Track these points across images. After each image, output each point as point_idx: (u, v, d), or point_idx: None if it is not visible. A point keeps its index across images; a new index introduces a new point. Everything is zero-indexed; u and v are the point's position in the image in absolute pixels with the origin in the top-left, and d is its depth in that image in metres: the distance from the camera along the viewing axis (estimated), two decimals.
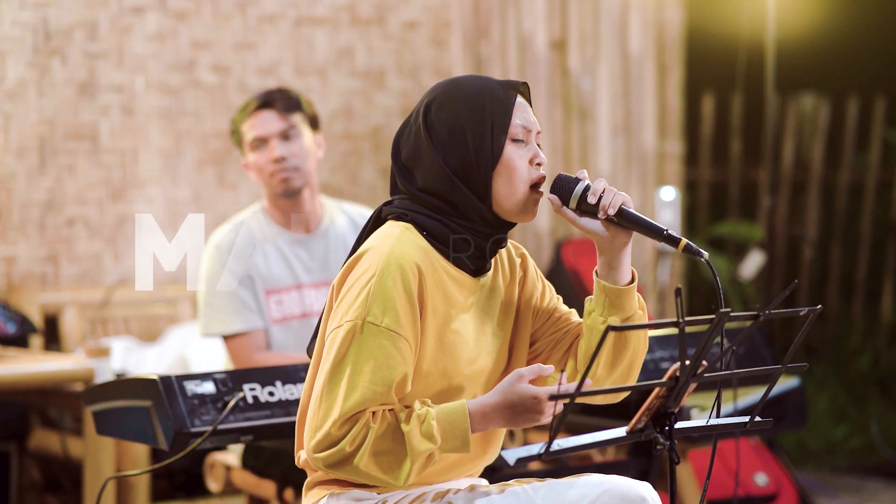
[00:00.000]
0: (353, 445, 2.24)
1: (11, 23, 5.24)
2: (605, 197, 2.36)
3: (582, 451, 2.23)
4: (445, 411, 2.27)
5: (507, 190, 2.35)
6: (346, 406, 2.24)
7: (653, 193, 6.31)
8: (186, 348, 5.02)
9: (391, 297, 2.27)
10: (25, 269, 5.29)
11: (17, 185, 5.26)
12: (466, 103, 2.35)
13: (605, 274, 2.40)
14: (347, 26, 5.92)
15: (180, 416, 2.95)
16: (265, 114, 3.71)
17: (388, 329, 2.26)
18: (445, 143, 2.35)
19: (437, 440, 2.25)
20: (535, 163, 2.38)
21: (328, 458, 2.25)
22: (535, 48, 6.22)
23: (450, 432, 2.26)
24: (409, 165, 2.38)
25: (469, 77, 2.42)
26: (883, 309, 7.70)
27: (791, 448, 6.24)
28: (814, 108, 7.83)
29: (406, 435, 2.24)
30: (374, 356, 2.26)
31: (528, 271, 2.50)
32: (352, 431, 2.24)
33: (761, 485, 5.00)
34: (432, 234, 2.35)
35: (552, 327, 2.49)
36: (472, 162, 2.33)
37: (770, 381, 2.38)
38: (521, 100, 2.42)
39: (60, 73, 5.33)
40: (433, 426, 2.25)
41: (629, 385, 2.27)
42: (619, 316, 2.40)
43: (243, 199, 5.69)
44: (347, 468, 2.25)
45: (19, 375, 4.16)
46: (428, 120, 2.36)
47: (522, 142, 2.38)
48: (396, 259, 2.29)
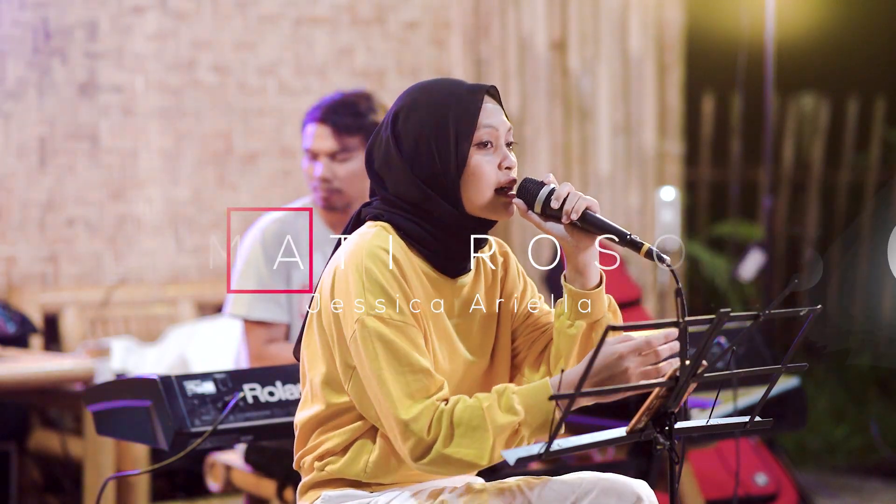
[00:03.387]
0: (433, 434, 2.24)
1: (11, 23, 5.24)
2: (569, 201, 2.36)
3: (582, 451, 2.23)
4: (527, 386, 2.27)
5: (476, 195, 2.35)
6: (402, 395, 2.24)
7: (653, 193, 6.32)
8: (186, 348, 5.02)
9: (383, 286, 2.28)
10: (25, 269, 5.29)
11: (17, 185, 5.26)
12: (430, 111, 2.35)
13: (572, 278, 2.40)
14: (347, 26, 5.92)
15: (180, 416, 2.95)
16: (321, 129, 3.62)
17: (391, 318, 2.27)
18: (412, 153, 2.35)
19: (520, 412, 2.23)
20: (505, 166, 2.37)
21: (413, 451, 2.25)
22: (535, 48, 6.22)
23: (533, 404, 2.24)
24: (381, 173, 2.40)
25: (436, 82, 2.42)
26: (883, 309, 7.70)
27: (791, 448, 6.24)
28: (814, 108, 7.84)
29: (485, 410, 2.23)
30: (396, 344, 2.26)
31: (510, 270, 2.51)
32: (421, 420, 2.24)
33: (761, 485, 5.00)
34: (409, 234, 2.36)
35: (530, 326, 2.49)
36: (438, 171, 2.34)
37: (770, 381, 2.39)
38: (490, 103, 2.38)
39: (60, 73, 5.33)
40: (513, 399, 2.24)
41: (629, 385, 2.27)
42: (586, 320, 2.39)
43: (243, 199, 5.70)
44: (434, 458, 2.24)
45: (19, 375, 4.16)
46: (395, 130, 2.37)
47: (490, 146, 2.36)
48: (373, 251, 2.31)
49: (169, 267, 5.58)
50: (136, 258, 5.50)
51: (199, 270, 5.64)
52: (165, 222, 5.55)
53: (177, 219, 5.58)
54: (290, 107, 5.79)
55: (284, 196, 5.70)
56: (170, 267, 5.58)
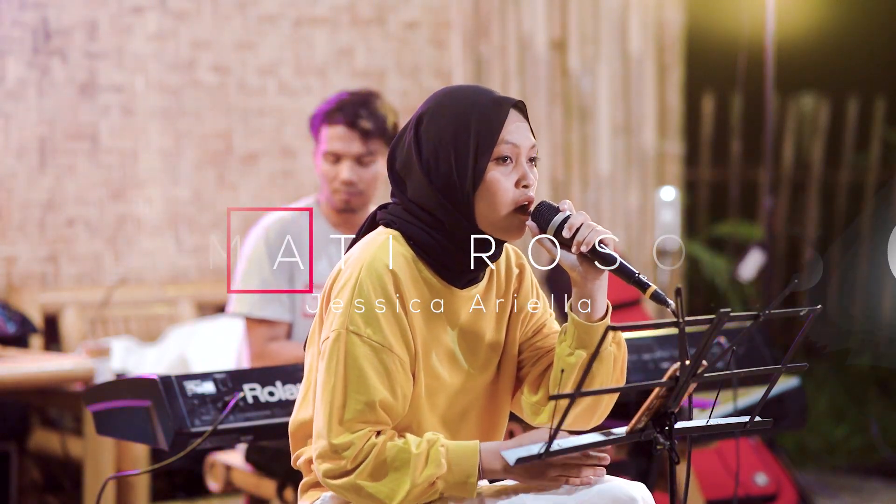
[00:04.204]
0: (354, 464, 2.24)
1: (11, 23, 5.24)
2: (581, 233, 2.30)
3: (582, 451, 2.23)
4: (457, 443, 2.26)
5: (490, 212, 2.31)
6: (342, 419, 2.24)
7: (653, 193, 6.32)
8: (186, 348, 5.02)
9: (371, 305, 2.26)
10: (25, 269, 5.29)
11: (17, 185, 5.26)
12: (453, 120, 2.31)
13: (577, 307, 2.36)
14: (347, 26, 5.92)
15: (180, 416, 2.95)
16: (348, 133, 3.60)
17: (370, 339, 2.26)
18: (430, 160, 2.31)
19: (443, 466, 2.24)
20: (523, 185, 2.32)
21: (329, 472, 2.26)
22: (535, 48, 6.22)
23: (457, 463, 2.24)
24: (402, 175, 2.36)
25: (463, 88, 2.37)
26: (883, 309, 7.70)
27: (791, 448, 6.24)
28: (814, 108, 7.84)
29: (413, 457, 2.23)
30: (360, 366, 2.25)
31: (524, 283, 2.47)
32: (349, 450, 2.24)
33: (761, 485, 5.00)
34: (419, 244, 2.33)
35: (538, 342, 2.47)
36: (454, 182, 2.30)
37: (770, 381, 2.38)
38: (516, 116, 2.33)
39: (60, 73, 5.33)
40: (441, 452, 2.24)
41: (629, 385, 2.26)
42: (587, 350, 2.34)
43: (243, 200, 5.70)
44: (347, 485, 2.25)
45: (19, 375, 4.16)
46: (419, 133, 2.33)
47: (510, 161, 2.31)
48: (374, 267, 2.28)
49: (169, 267, 5.58)
50: (136, 258, 5.50)
51: (199, 270, 5.64)
52: (165, 222, 5.55)
53: (177, 219, 5.58)
54: (290, 107, 5.79)
55: (284, 196, 5.70)
56: (170, 267, 5.58)
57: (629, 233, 6.32)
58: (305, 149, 5.79)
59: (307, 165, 5.78)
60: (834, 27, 8.05)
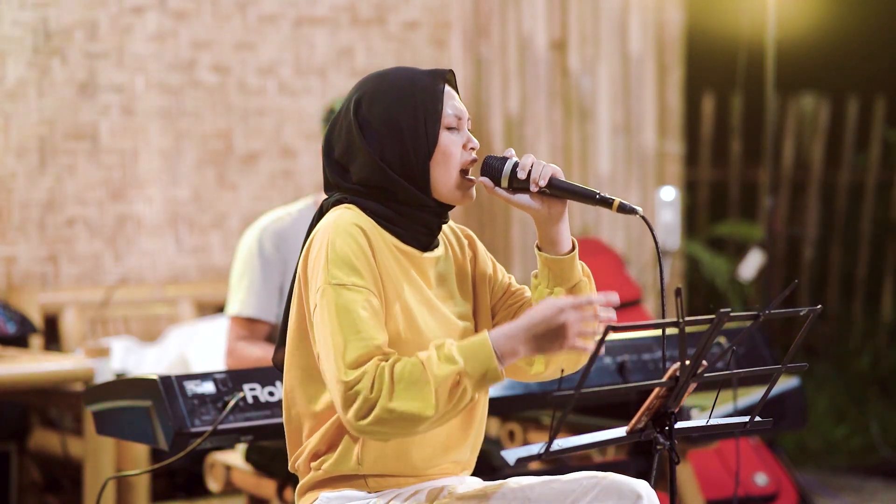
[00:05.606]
0: (375, 391, 2.23)
1: (11, 23, 5.24)
2: (535, 170, 2.41)
3: (582, 451, 2.23)
4: (466, 340, 2.28)
5: (444, 177, 2.40)
6: (348, 359, 2.24)
7: (653, 193, 6.31)
8: (186, 348, 5.02)
9: (347, 256, 2.30)
10: (25, 269, 5.29)
11: (17, 185, 5.26)
12: (398, 96, 2.40)
13: (545, 247, 2.46)
14: (347, 26, 5.92)
15: (180, 416, 2.95)
16: None
17: (354, 285, 2.29)
18: (381, 137, 2.39)
19: (459, 361, 2.23)
20: (469, 147, 2.43)
21: (357, 412, 2.23)
22: (535, 48, 6.22)
23: (472, 354, 2.24)
24: (343, 162, 2.42)
25: (395, 69, 2.46)
26: (883, 309, 7.70)
27: (791, 448, 6.24)
28: (814, 108, 7.84)
29: (424, 363, 2.23)
30: (351, 310, 2.28)
31: (478, 251, 2.56)
32: (363, 380, 2.23)
33: (761, 485, 5.00)
34: (376, 213, 2.39)
35: (509, 299, 2.53)
36: (408, 153, 2.38)
37: (770, 381, 2.39)
38: (449, 88, 2.45)
39: (60, 73, 5.33)
40: (453, 349, 2.25)
41: (629, 385, 2.27)
42: (564, 286, 2.44)
43: (243, 199, 5.70)
44: (379, 415, 2.22)
45: (19, 375, 4.16)
46: (360, 116, 2.40)
47: (455, 129, 2.42)
48: (342, 226, 2.33)
49: (169, 267, 5.58)
50: (136, 258, 5.50)
51: (199, 270, 5.64)
52: (165, 222, 5.55)
53: (177, 219, 5.58)
54: (290, 107, 5.79)
55: (284, 196, 5.71)
56: (170, 267, 5.58)
57: (629, 233, 6.32)
58: (305, 149, 5.80)
59: (307, 165, 5.79)
60: (834, 27, 8.04)
